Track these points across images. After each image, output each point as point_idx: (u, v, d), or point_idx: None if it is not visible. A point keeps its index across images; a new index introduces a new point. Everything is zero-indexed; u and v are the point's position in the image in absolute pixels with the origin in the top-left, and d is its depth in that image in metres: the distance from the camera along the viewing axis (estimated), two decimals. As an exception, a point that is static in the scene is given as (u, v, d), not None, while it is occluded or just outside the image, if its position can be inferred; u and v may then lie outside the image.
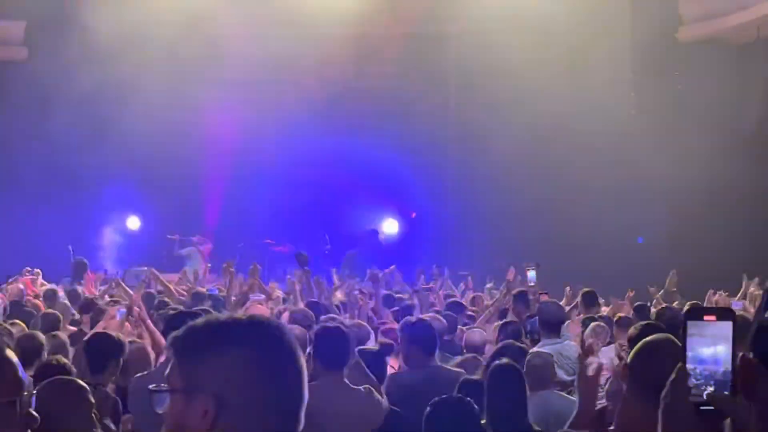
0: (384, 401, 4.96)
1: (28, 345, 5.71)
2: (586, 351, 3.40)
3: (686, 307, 1.80)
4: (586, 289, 9.52)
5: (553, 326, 6.92)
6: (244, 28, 18.17)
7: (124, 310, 7.72)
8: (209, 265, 15.91)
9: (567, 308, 8.76)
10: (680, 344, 1.65)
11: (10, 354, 2.05)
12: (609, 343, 7.29)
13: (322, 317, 7.05)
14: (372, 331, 6.99)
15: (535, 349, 6.69)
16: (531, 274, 10.30)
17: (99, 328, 6.94)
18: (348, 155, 19.34)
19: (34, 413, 2.04)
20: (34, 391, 2.07)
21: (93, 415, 3.83)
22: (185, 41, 17.54)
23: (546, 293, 9.35)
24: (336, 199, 20.26)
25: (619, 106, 17.14)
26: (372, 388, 4.94)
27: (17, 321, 7.28)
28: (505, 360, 4.84)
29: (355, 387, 4.89)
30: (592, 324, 7.57)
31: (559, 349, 6.64)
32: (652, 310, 8.98)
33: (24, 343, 5.73)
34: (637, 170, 16.57)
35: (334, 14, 18.57)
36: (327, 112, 19.48)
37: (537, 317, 7.26)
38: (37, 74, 17.87)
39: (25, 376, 2.06)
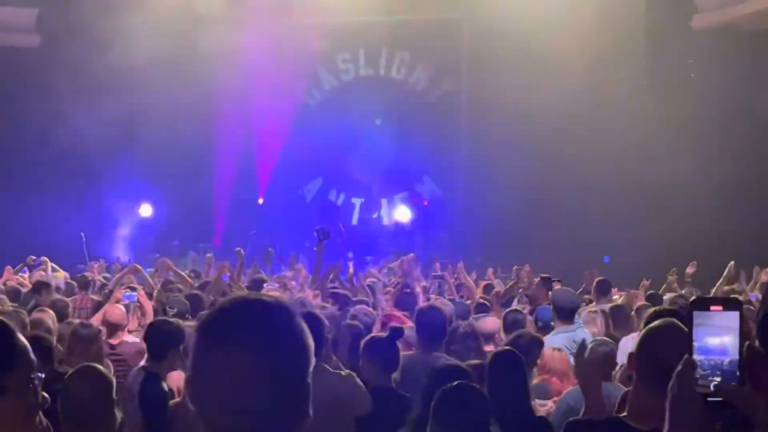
0: (363, 388, 5.02)
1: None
2: (580, 348, 3.40)
3: (693, 298, 1.78)
4: (599, 278, 9.57)
5: (566, 313, 6.92)
6: (257, 19, 18.16)
7: (130, 294, 7.67)
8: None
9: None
10: (686, 331, 1.65)
11: (22, 337, 2.08)
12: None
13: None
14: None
15: (548, 336, 6.70)
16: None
17: (100, 314, 6.97)
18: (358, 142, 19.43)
19: (45, 395, 2.07)
20: (42, 375, 2.09)
21: (115, 410, 3.80)
22: (199, 26, 17.54)
23: (559, 281, 9.38)
24: (346, 186, 20.32)
25: (631, 94, 17.05)
26: (353, 373, 5.04)
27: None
28: (506, 346, 4.85)
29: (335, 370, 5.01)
30: (586, 309, 7.58)
31: (572, 336, 6.65)
32: (665, 297, 8.96)
33: (33, 327, 5.80)
34: (650, 158, 16.48)
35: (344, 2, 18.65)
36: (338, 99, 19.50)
37: (548, 305, 7.27)
38: (49, 61, 17.92)
39: (35, 358, 2.09)
